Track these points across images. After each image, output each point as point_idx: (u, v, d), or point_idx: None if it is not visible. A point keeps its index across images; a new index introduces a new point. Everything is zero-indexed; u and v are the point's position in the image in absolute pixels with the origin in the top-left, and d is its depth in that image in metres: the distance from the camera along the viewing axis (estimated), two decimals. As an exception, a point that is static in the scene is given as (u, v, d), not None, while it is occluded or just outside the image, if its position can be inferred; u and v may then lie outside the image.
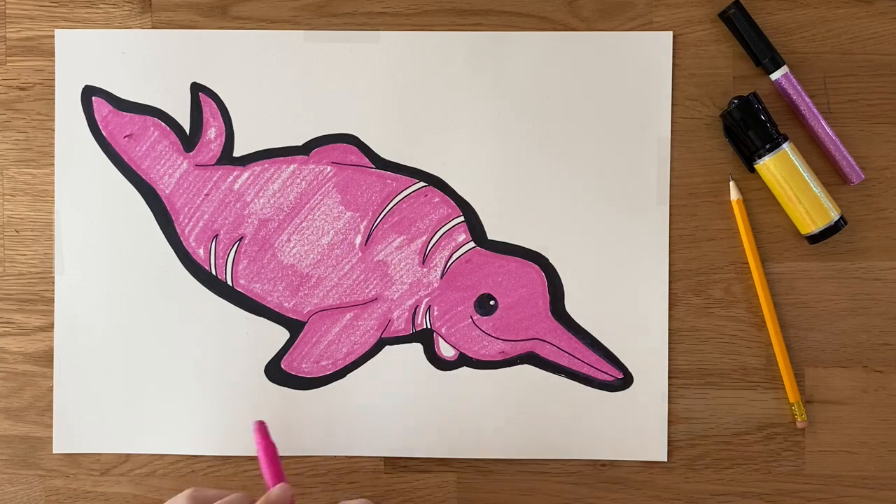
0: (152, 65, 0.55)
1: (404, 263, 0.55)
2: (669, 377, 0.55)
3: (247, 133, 0.55)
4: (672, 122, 0.55)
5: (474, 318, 0.55)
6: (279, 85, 0.55)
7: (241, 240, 0.55)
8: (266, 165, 0.55)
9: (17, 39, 0.55)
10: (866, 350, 0.55)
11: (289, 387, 0.55)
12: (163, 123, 0.55)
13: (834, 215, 0.53)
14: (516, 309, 0.55)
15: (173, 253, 0.55)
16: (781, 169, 0.53)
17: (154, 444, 0.55)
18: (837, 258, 0.55)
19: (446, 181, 0.55)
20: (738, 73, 0.55)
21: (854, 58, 0.55)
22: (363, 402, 0.55)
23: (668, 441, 0.55)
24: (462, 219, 0.55)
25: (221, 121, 0.55)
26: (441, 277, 0.55)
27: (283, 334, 0.55)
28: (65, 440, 0.55)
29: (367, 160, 0.55)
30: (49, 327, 0.55)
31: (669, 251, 0.55)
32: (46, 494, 0.55)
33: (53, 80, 0.55)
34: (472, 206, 0.55)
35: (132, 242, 0.55)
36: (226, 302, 0.55)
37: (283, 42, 0.55)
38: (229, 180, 0.55)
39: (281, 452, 0.55)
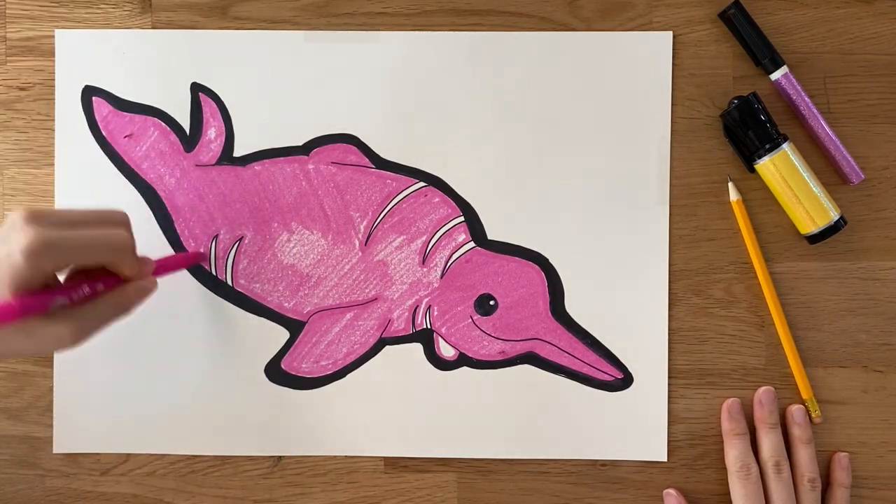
0: (152, 65, 0.55)
1: (404, 263, 0.55)
2: (669, 377, 0.55)
3: (247, 133, 0.55)
4: (672, 122, 0.55)
5: (474, 318, 0.55)
6: (279, 85, 0.55)
7: (241, 240, 0.55)
8: (266, 165, 0.55)
9: (17, 39, 0.55)
10: (866, 350, 0.55)
11: (289, 387, 0.55)
12: (163, 123, 0.55)
13: (834, 215, 0.53)
14: (516, 309, 0.55)
15: (173, 253, 0.55)
16: (781, 169, 0.53)
17: (154, 444, 0.55)
18: (837, 258, 0.55)
19: (446, 181, 0.55)
20: (738, 73, 0.55)
21: (854, 58, 0.55)
22: (363, 402, 0.55)
23: (668, 441, 0.55)
24: (462, 219, 0.55)
25: (221, 121, 0.55)
26: (441, 277, 0.55)
27: (283, 334, 0.55)
28: (65, 440, 0.55)
29: (367, 160, 0.55)
30: (49, 327, 0.55)
31: (669, 251, 0.55)
32: (46, 494, 0.55)
33: (53, 80, 0.55)
34: (472, 206, 0.55)
35: (132, 242, 0.55)
36: (226, 302, 0.55)
37: (283, 42, 0.55)
38: (229, 180, 0.55)
39: (281, 452, 0.55)
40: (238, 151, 0.55)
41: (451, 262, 0.55)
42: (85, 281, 0.44)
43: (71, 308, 0.43)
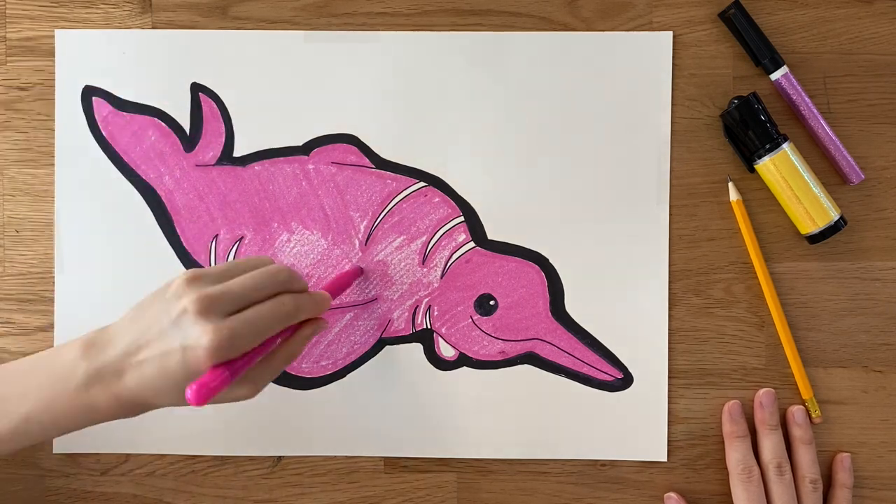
0: (152, 65, 0.55)
1: (404, 263, 0.55)
2: (669, 377, 0.55)
3: (247, 133, 0.55)
4: (672, 122, 0.55)
5: (474, 318, 0.55)
6: (279, 85, 0.55)
7: (241, 240, 0.55)
8: (266, 165, 0.55)
9: (17, 39, 0.55)
10: (866, 350, 0.55)
11: (289, 387, 0.55)
12: (163, 123, 0.55)
13: (834, 215, 0.53)
14: (516, 309, 0.55)
15: (173, 253, 0.55)
16: (781, 169, 0.53)
17: (154, 444, 0.55)
18: (837, 258, 0.55)
19: (446, 181, 0.55)
20: (738, 73, 0.55)
21: (854, 58, 0.55)
22: (363, 402, 0.55)
23: (668, 441, 0.55)
24: (462, 219, 0.55)
25: (221, 121, 0.55)
26: (441, 277, 0.55)
27: (283, 334, 0.55)
28: (65, 440, 0.55)
29: (367, 160, 0.55)
30: (49, 327, 0.55)
31: (669, 251, 0.55)
32: (46, 494, 0.55)
33: (53, 80, 0.55)
34: (472, 206, 0.55)
35: (132, 242, 0.55)
36: (226, 302, 0.55)
37: (283, 42, 0.55)
38: (229, 180, 0.55)
39: (281, 452, 0.55)
40: (238, 151, 0.55)
41: (451, 262, 0.55)
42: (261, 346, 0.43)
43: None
